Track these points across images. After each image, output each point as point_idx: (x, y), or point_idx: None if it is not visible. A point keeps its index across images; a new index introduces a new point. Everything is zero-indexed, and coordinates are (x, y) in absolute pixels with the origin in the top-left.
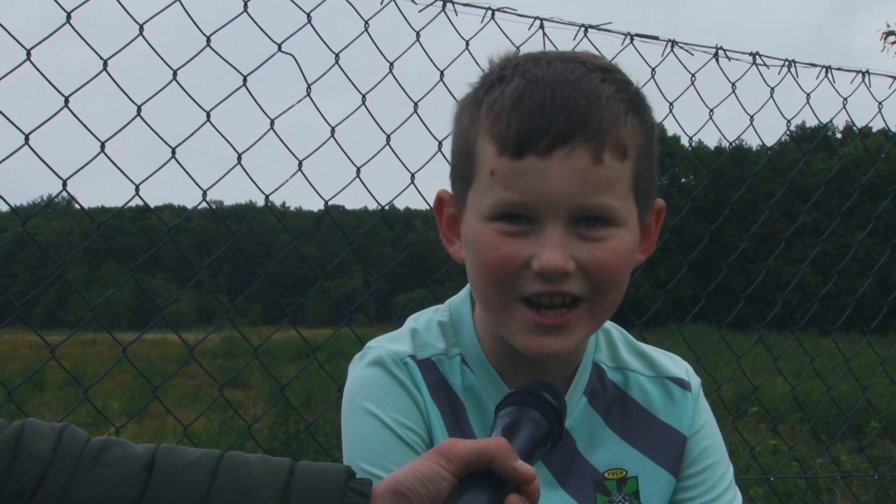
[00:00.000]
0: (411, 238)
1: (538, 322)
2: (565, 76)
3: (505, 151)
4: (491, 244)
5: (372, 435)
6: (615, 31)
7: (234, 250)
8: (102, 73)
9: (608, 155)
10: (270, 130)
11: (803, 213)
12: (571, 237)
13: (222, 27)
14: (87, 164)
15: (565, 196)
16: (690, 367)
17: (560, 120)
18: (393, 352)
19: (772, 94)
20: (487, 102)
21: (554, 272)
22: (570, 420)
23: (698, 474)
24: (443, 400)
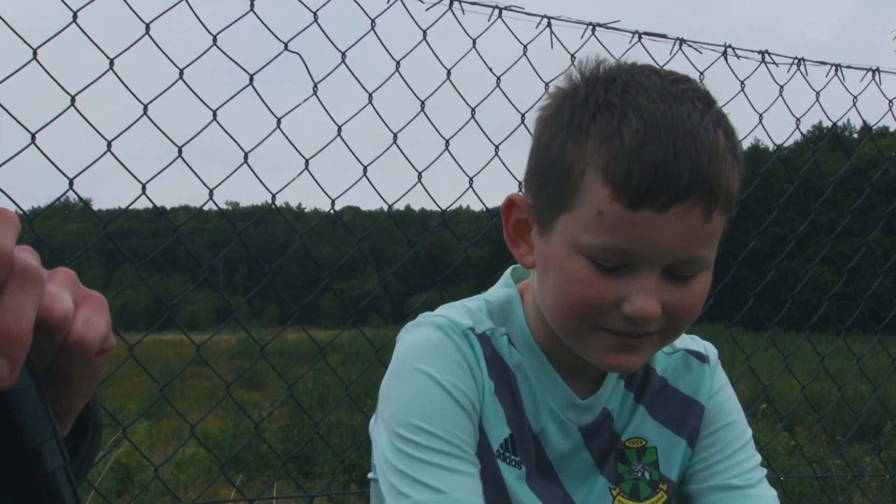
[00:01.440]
0: (428, 240)
1: (620, 343)
2: (684, 123)
3: (620, 199)
4: (583, 279)
5: (427, 394)
6: (623, 30)
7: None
8: (109, 72)
9: (717, 212)
10: (277, 129)
11: (813, 212)
12: (662, 283)
13: (228, 26)
14: (94, 164)
15: (671, 250)
16: (710, 344)
17: (683, 176)
18: (454, 321)
19: (781, 92)
20: (599, 136)
21: (646, 319)
22: (611, 402)
23: (713, 433)
24: (498, 374)
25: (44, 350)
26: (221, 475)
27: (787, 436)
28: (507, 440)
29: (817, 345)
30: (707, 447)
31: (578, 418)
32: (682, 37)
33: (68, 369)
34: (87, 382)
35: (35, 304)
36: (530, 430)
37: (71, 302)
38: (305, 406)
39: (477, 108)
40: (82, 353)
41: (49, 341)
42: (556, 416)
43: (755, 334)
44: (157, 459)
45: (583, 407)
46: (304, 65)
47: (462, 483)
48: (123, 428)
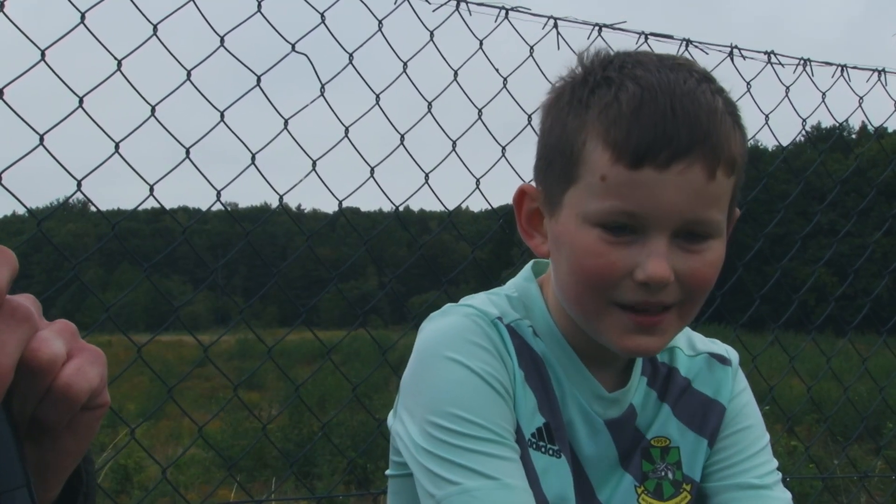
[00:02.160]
0: (425, 239)
1: (636, 322)
2: (680, 86)
3: (621, 160)
4: (594, 250)
5: (462, 382)
6: (630, 31)
7: (250, 252)
8: (116, 73)
9: (720, 171)
10: (284, 131)
11: (819, 213)
12: (673, 248)
13: (236, 27)
14: (102, 165)
15: (677, 210)
16: (731, 348)
17: (682, 133)
18: (481, 310)
19: (787, 93)
20: (598, 105)
21: (659, 283)
22: (636, 398)
23: (733, 434)
24: (527, 362)
25: (27, 395)
26: (222, 476)
27: (786, 436)
28: (542, 429)
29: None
30: (726, 447)
31: (605, 412)
32: (688, 37)
33: (53, 419)
34: (76, 439)
35: (20, 343)
36: (562, 420)
37: (62, 348)
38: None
39: (483, 109)
40: (67, 401)
41: (33, 385)
42: (582, 408)
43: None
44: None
45: (610, 400)
46: (312, 66)
47: (510, 468)
48: (132, 429)
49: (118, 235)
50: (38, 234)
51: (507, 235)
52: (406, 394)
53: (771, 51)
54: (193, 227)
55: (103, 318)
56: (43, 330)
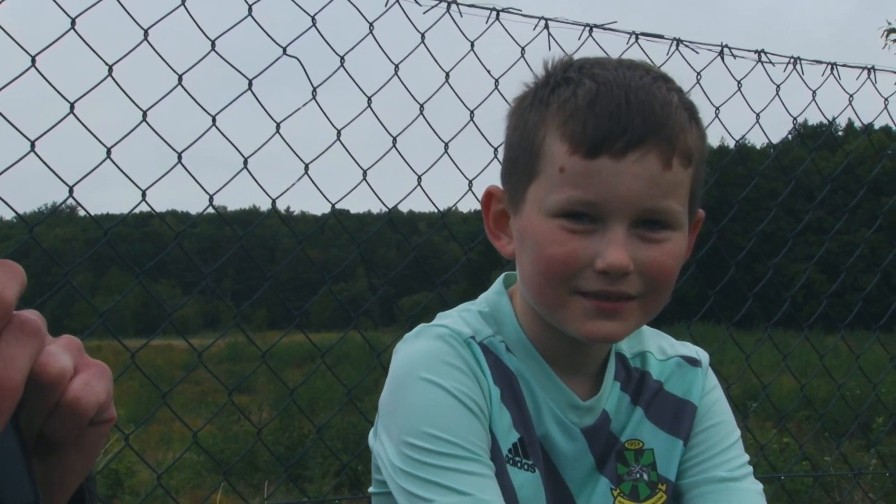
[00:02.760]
0: (416, 241)
1: (597, 307)
2: (636, 81)
3: (578, 150)
4: (555, 240)
5: (437, 402)
6: (620, 31)
7: (239, 255)
8: (108, 78)
9: (676, 161)
10: (277, 134)
11: (811, 211)
12: (633, 238)
13: (227, 31)
14: (94, 171)
15: (634, 198)
16: (701, 349)
17: (636, 123)
18: (455, 330)
19: (777, 91)
20: (557, 101)
21: (618, 271)
22: (609, 404)
23: (703, 431)
24: (502, 380)
25: (35, 410)
26: (213, 479)
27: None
28: (517, 444)
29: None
30: (698, 444)
31: (580, 420)
32: (678, 37)
33: (60, 434)
34: (82, 455)
35: (29, 357)
36: (536, 434)
37: (69, 363)
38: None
39: (476, 111)
40: (76, 416)
41: (41, 400)
42: (558, 418)
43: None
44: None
45: (584, 408)
46: (303, 69)
47: (484, 485)
48: (126, 436)
49: (109, 241)
50: (27, 239)
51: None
52: (383, 414)
53: (761, 49)
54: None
55: (98, 324)
56: (50, 345)
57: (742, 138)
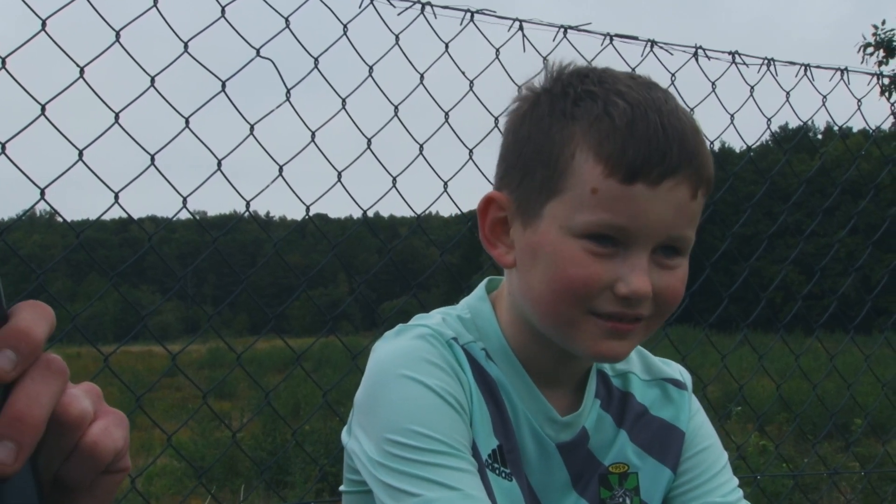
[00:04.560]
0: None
1: (613, 328)
2: (663, 105)
3: (615, 174)
4: (577, 261)
5: (420, 399)
6: (594, 32)
7: (219, 260)
8: (79, 80)
9: (702, 190)
10: (251, 136)
11: (784, 213)
12: (651, 264)
13: (199, 33)
14: (66, 173)
15: (663, 226)
16: (683, 368)
17: (674, 151)
18: (437, 330)
19: (752, 92)
20: (586, 118)
21: (641, 298)
22: (589, 421)
23: (693, 457)
24: (483, 384)
25: (54, 452)
26: (194, 485)
27: (757, 435)
28: (496, 451)
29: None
30: (688, 470)
31: (556, 435)
32: (653, 38)
33: (76, 479)
34: (93, 503)
35: (53, 396)
36: (515, 443)
37: (90, 406)
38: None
39: (451, 112)
40: (93, 460)
41: (60, 442)
42: (534, 430)
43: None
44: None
45: (562, 424)
46: (277, 71)
47: (470, 480)
48: None
49: (84, 245)
50: (3, 247)
51: (476, 240)
52: (361, 412)
53: (735, 51)
54: (162, 236)
55: (69, 327)
56: (72, 388)
57: (717, 139)
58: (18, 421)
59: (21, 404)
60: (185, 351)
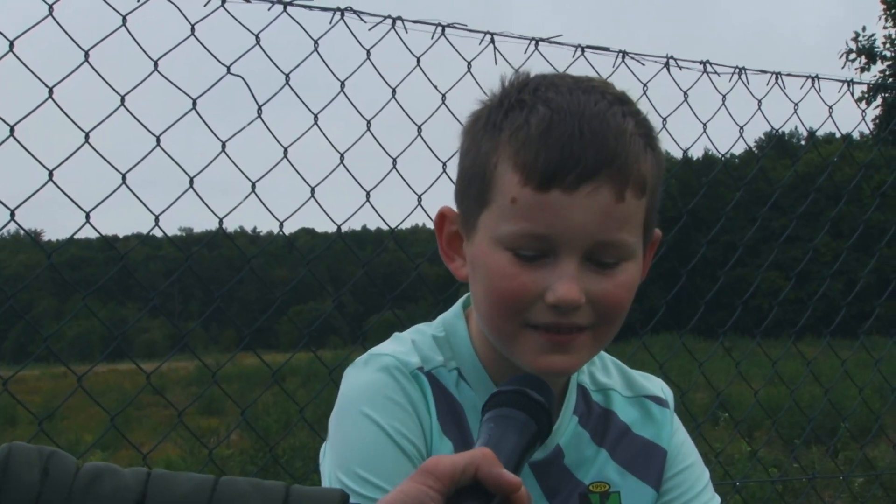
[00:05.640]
0: (384, 259)
1: (549, 340)
2: (590, 108)
3: (530, 182)
4: (506, 273)
5: (371, 442)
6: (566, 44)
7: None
8: (48, 101)
9: (629, 192)
10: (223, 153)
11: (760, 218)
12: (585, 271)
13: (169, 51)
14: (35, 193)
15: (586, 231)
16: (664, 383)
17: (589, 155)
18: (403, 361)
19: (723, 101)
20: (510, 128)
21: (569, 305)
22: (564, 438)
23: (674, 477)
24: (447, 413)
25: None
26: None
27: (744, 442)
28: None
29: (772, 350)
30: (671, 490)
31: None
32: (624, 49)
33: None
34: None
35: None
36: None
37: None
38: (271, 431)
39: (424, 126)
40: None
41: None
42: None
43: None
44: None
45: None
46: (248, 88)
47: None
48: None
49: (63, 265)
50: None
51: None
52: (329, 437)
53: (706, 60)
54: (147, 254)
55: (42, 348)
56: None
57: (690, 148)
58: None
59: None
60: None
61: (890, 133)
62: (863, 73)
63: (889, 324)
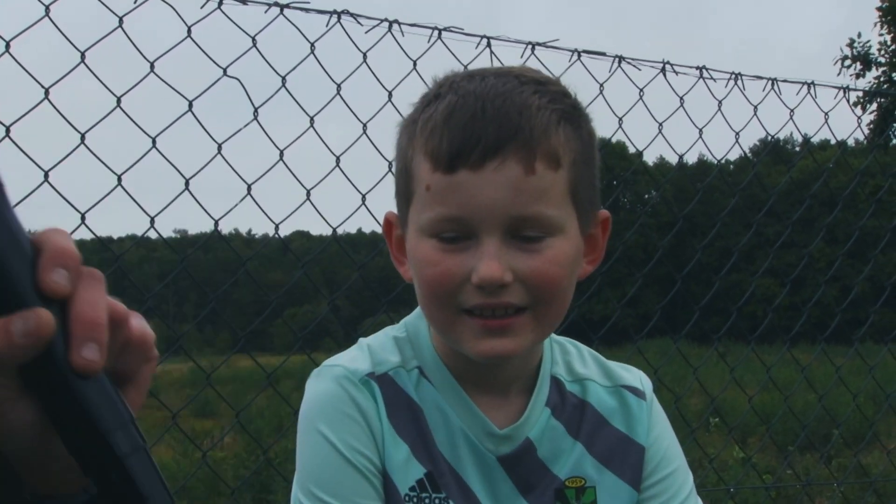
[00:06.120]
0: (379, 262)
1: (483, 325)
2: (496, 89)
3: (439, 167)
4: (431, 260)
5: (325, 460)
6: (562, 48)
7: (201, 279)
8: (44, 101)
9: (540, 164)
10: (219, 155)
11: (755, 224)
12: (509, 248)
13: (166, 52)
14: (31, 194)
15: (499, 207)
16: (644, 374)
17: (490, 132)
18: (351, 370)
19: (720, 107)
20: (423, 120)
21: (491, 284)
22: (534, 431)
23: (659, 483)
24: (403, 415)
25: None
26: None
27: (738, 448)
28: (423, 480)
29: (767, 356)
30: (653, 497)
31: (496, 448)
32: (620, 54)
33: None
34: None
35: (105, 298)
36: (447, 464)
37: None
38: (264, 433)
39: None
40: (143, 348)
41: (116, 336)
42: (473, 446)
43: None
44: None
45: (500, 437)
46: (244, 90)
47: None
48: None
49: None
50: None
51: None
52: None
53: (702, 66)
54: (142, 256)
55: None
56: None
57: (686, 153)
58: (93, 323)
59: (89, 310)
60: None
61: (885, 139)
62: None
63: (883, 331)
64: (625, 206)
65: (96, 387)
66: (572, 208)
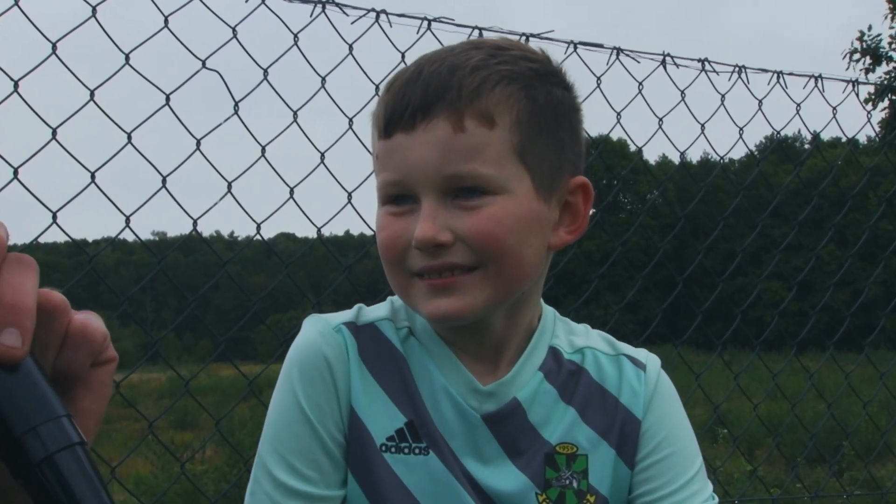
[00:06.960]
0: (367, 265)
1: (429, 286)
2: (439, 55)
3: (381, 133)
4: (381, 225)
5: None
6: (557, 40)
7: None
8: (14, 94)
9: (470, 122)
10: (197, 151)
11: (759, 225)
12: (448, 209)
13: (142, 44)
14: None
15: (430, 167)
16: (654, 356)
17: (419, 93)
18: (326, 320)
19: (723, 101)
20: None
21: (426, 244)
22: (523, 393)
23: (657, 464)
24: (385, 365)
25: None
26: None
27: (744, 460)
28: (404, 429)
29: (774, 363)
30: (654, 477)
31: (480, 405)
32: (619, 46)
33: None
34: (93, 397)
35: (34, 284)
36: (429, 417)
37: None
38: (247, 444)
39: None
40: (87, 342)
41: (52, 328)
42: (455, 402)
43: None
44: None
45: (485, 393)
46: (224, 83)
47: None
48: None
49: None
50: None
51: None
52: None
53: (704, 58)
54: (119, 259)
55: None
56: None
57: (688, 149)
58: (14, 307)
59: (9, 292)
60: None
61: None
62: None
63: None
64: (625, 207)
65: (19, 379)
66: (521, 168)
